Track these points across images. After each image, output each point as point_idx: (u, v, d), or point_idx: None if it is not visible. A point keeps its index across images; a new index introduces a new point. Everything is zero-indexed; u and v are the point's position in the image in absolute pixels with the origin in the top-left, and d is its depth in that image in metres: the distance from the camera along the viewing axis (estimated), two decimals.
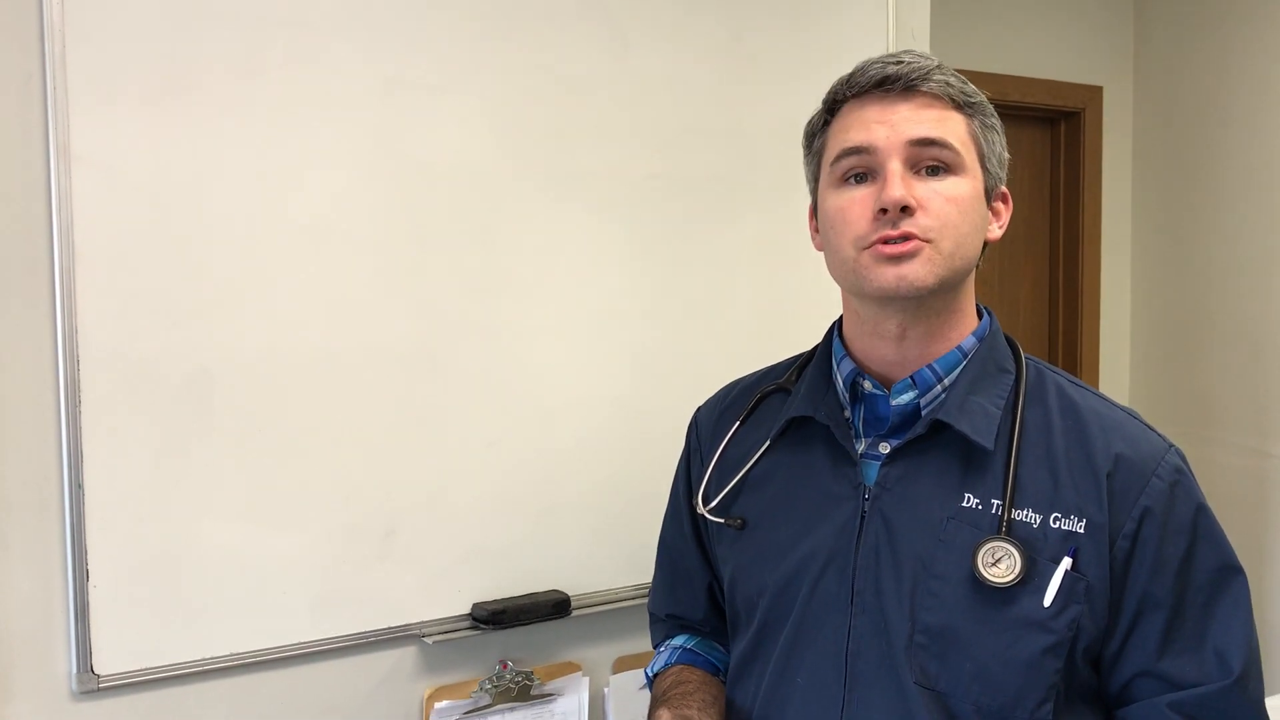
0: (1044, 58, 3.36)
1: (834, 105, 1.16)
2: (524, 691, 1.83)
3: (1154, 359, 3.49)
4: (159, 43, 1.53)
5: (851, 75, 1.14)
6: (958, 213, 1.09)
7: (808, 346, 1.35)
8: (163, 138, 1.54)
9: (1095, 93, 3.45)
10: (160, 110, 1.54)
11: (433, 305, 1.74)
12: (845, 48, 2.13)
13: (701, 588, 1.36)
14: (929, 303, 1.12)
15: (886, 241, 1.08)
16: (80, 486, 1.50)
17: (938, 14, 2.38)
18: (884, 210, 1.07)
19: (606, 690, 1.94)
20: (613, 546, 1.91)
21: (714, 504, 1.26)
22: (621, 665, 1.95)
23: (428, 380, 1.74)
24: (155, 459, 1.55)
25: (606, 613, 1.91)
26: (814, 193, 1.21)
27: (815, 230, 1.22)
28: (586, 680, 1.90)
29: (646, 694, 1.94)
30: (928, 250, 1.08)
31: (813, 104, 1.19)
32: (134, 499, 1.53)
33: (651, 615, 1.46)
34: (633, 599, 1.92)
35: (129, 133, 1.52)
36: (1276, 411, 3.02)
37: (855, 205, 1.10)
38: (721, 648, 1.37)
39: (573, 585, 1.87)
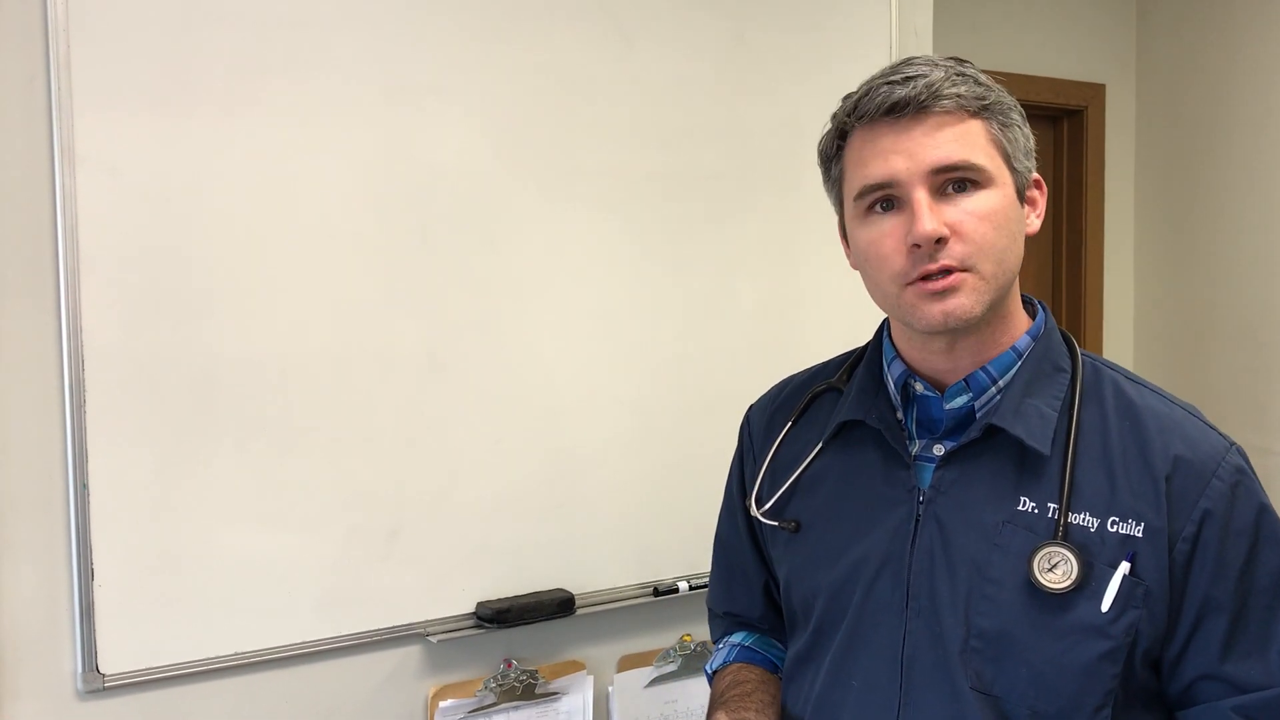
0: (1047, 56, 3.36)
1: (844, 131, 1.12)
2: (528, 690, 1.83)
3: (1157, 356, 3.49)
4: (162, 45, 1.54)
5: (859, 101, 1.09)
6: (993, 230, 1.06)
7: (813, 344, 1.35)
8: (166, 139, 1.54)
9: (1098, 90, 3.44)
10: (164, 112, 1.54)
11: (436, 305, 1.75)
12: (848, 46, 2.13)
13: (758, 586, 1.35)
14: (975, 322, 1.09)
15: (927, 277, 1.05)
16: (85, 486, 1.50)
17: (940, 12, 2.38)
18: (918, 244, 1.04)
19: (611, 689, 1.94)
20: (617, 545, 1.91)
21: (767, 507, 1.25)
22: (626, 664, 1.95)
23: (432, 380, 1.75)
24: (160, 459, 1.55)
25: (611, 611, 1.91)
26: (839, 214, 1.18)
27: (848, 249, 1.18)
28: (591, 679, 1.90)
29: (650, 693, 1.96)
30: (970, 280, 1.05)
31: (816, 102, 1.19)
32: (139, 498, 1.54)
33: (710, 611, 1.45)
34: (637, 598, 1.92)
35: (133, 134, 1.52)
36: (1279, 409, 3.03)
37: (887, 239, 1.07)
38: (780, 645, 1.36)
39: (577, 584, 1.87)
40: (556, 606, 1.82)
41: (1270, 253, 3.07)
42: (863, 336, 1.31)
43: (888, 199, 1.08)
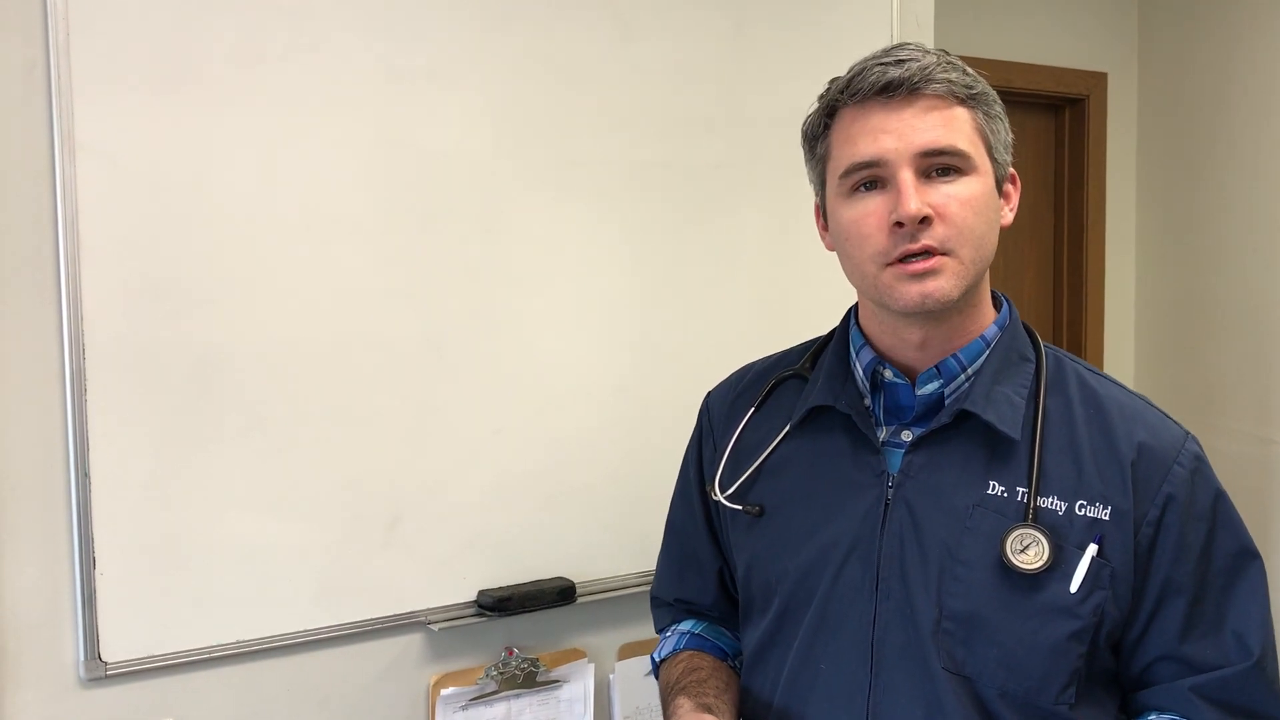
0: (1048, 44, 3.35)
1: (833, 109, 1.14)
2: (530, 678, 1.83)
3: (1158, 346, 3.49)
4: (162, 31, 1.53)
5: (851, 80, 1.11)
6: (974, 215, 1.08)
7: (809, 335, 1.35)
8: (166, 126, 1.54)
9: (1099, 79, 3.44)
10: (164, 99, 1.54)
11: (436, 294, 1.75)
12: (849, 36, 2.12)
13: (712, 573, 1.36)
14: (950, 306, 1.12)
15: (907, 257, 1.07)
16: (86, 474, 1.50)
17: (942, 1, 2.37)
18: (900, 224, 1.07)
19: (612, 677, 1.94)
20: (618, 533, 1.92)
21: (730, 491, 1.26)
22: (627, 652, 1.95)
23: (432, 368, 1.75)
24: (161, 447, 1.55)
25: (612, 599, 1.91)
26: (819, 194, 1.20)
27: (824, 229, 1.21)
28: (592, 667, 1.90)
29: (652, 681, 1.96)
30: (950, 263, 1.08)
31: (816, 93, 1.18)
32: (140, 487, 1.54)
33: (655, 599, 1.45)
34: (638, 586, 1.92)
35: (133, 121, 1.52)
36: None
37: (870, 218, 1.09)
38: (729, 633, 1.37)
39: (578, 572, 1.87)
40: (557, 595, 1.82)
41: (1272, 242, 3.06)
42: None
43: (872, 179, 1.10)
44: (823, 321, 1.33)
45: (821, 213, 1.20)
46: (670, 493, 1.42)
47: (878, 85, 1.08)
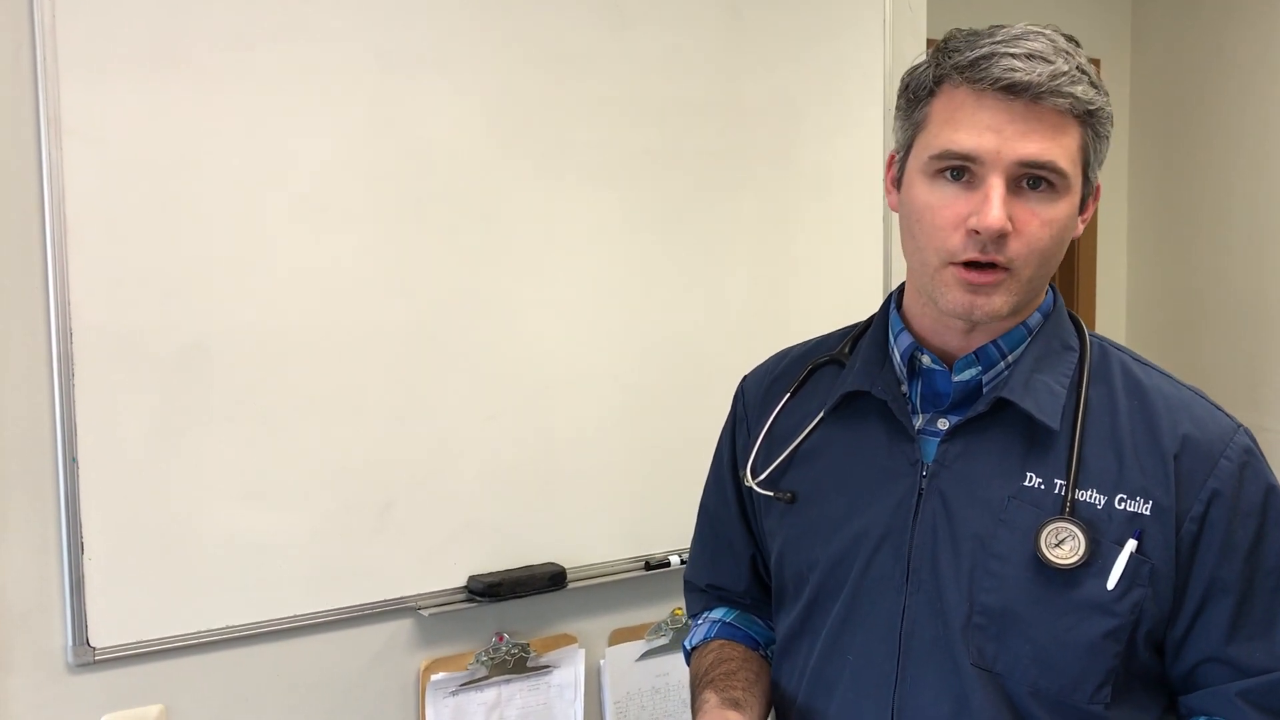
0: None
1: (943, 78, 1.07)
2: (520, 663, 1.83)
3: (1150, 334, 3.49)
4: (150, 14, 1.52)
5: (974, 62, 1.03)
6: (1050, 237, 1.05)
7: (805, 323, 1.34)
8: (155, 110, 1.53)
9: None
10: (152, 82, 1.53)
11: (429, 279, 1.74)
12: (843, 21, 2.12)
13: (744, 559, 1.34)
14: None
15: (972, 265, 1.04)
16: (74, 460, 1.49)
17: None
18: (977, 231, 1.03)
19: (602, 662, 1.94)
20: (609, 519, 1.92)
21: (763, 477, 1.24)
22: (617, 638, 1.96)
23: (424, 354, 1.74)
24: (149, 433, 1.54)
25: (602, 585, 1.92)
26: (900, 152, 1.14)
27: (893, 186, 1.15)
28: (582, 652, 1.90)
29: (642, 666, 1.97)
30: (1008, 280, 1.05)
31: (810, 78, 1.17)
32: (128, 472, 1.53)
33: (688, 584, 1.43)
34: (629, 572, 1.93)
35: (121, 105, 1.51)
36: (1273, 386, 3.03)
37: (947, 210, 1.05)
38: (761, 621, 1.35)
39: (569, 558, 1.87)
40: (548, 580, 1.82)
41: (1264, 230, 3.07)
42: (855, 313, 1.29)
43: (961, 169, 1.05)
44: (820, 309, 1.33)
45: (897, 168, 1.15)
46: (661, 475, 1.42)
47: (1002, 81, 1.02)
